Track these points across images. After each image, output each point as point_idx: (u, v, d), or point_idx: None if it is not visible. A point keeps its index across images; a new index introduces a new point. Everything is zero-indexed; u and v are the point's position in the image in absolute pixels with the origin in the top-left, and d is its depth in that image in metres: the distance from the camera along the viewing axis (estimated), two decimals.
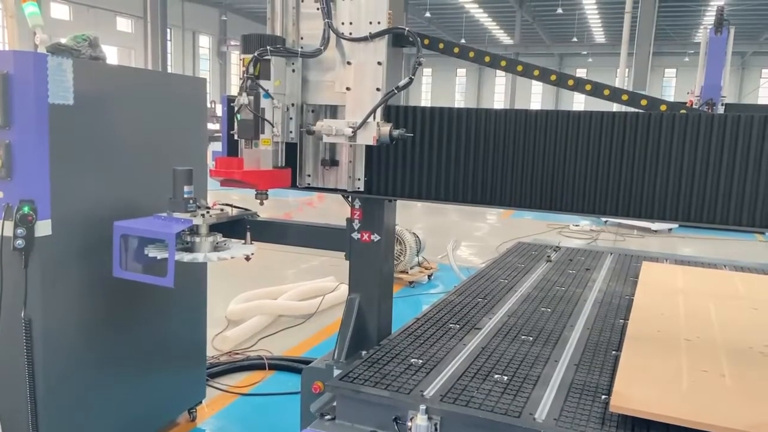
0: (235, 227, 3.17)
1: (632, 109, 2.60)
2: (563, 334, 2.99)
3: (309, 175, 2.95)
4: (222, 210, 3.08)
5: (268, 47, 2.58)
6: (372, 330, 3.26)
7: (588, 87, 2.68)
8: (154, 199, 3.18)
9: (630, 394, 2.17)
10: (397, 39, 2.71)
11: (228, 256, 2.87)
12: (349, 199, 3.19)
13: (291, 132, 2.84)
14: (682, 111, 2.41)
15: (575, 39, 38.44)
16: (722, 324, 3.06)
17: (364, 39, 2.62)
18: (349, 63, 2.66)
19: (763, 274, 4.27)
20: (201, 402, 4.13)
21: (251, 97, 2.53)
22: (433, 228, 11.18)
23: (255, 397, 4.40)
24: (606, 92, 2.66)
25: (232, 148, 2.91)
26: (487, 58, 2.83)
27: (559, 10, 32.79)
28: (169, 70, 32.18)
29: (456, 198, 2.83)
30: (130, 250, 2.85)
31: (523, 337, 2.94)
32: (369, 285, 3.23)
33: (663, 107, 2.53)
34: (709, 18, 25.04)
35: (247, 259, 3.02)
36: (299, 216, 12.02)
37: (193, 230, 2.87)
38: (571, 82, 2.70)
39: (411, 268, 7.67)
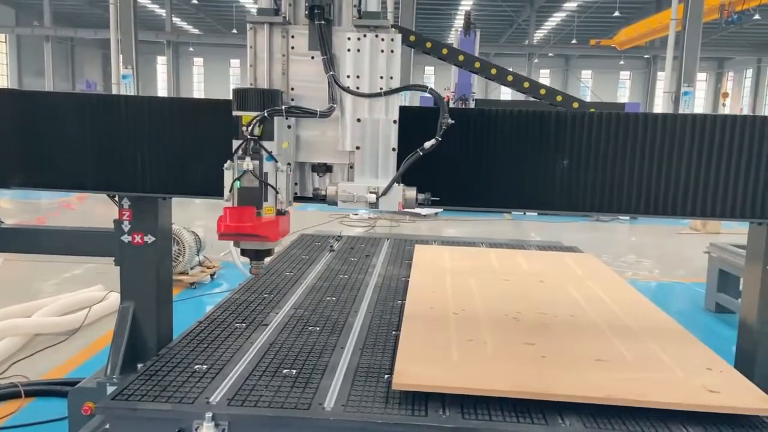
0: None
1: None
2: (348, 321, 3.09)
3: None
4: None
5: (282, 107, 2.22)
6: (150, 339, 3.04)
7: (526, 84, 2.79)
8: None
9: (409, 371, 2.32)
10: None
11: None
12: (116, 198, 2.92)
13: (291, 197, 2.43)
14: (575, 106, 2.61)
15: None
16: (482, 296, 3.42)
17: (377, 95, 2.35)
18: (358, 120, 2.38)
19: (511, 249, 4.88)
20: None
21: (256, 162, 2.16)
22: (214, 225, 10.80)
23: (9, 431, 3.83)
24: (542, 92, 2.80)
25: None
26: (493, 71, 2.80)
27: None
28: None
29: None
30: None
31: (310, 328, 2.97)
32: (144, 291, 3.00)
33: (575, 104, 2.73)
34: (459, 21, 27.82)
35: None
36: (56, 220, 10.72)
37: None
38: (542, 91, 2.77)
39: (191, 269, 7.31)
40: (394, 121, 2.35)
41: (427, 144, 2.30)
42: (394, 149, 2.37)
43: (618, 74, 44.12)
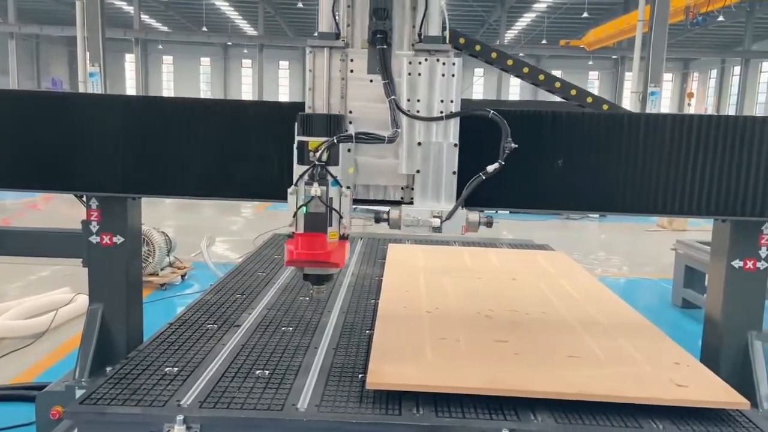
0: None
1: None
2: (321, 321, 3.08)
3: None
4: None
5: (351, 132, 2.22)
6: (120, 342, 3.00)
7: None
8: None
9: (382, 370, 2.32)
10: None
11: None
12: (83, 198, 2.87)
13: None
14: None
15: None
16: (455, 295, 3.44)
17: (439, 119, 2.33)
18: (419, 144, 2.36)
19: (483, 247, 4.92)
20: None
21: (323, 188, 2.14)
22: (185, 225, 10.67)
23: None
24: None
25: None
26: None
27: (300, 4, 33.55)
28: None
29: (190, 192, 2.79)
30: None
31: (283, 328, 2.95)
32: (113, 293, 2.96)
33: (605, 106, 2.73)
34: None
35: None
36: (22, 221, 10.47)
37: None
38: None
39: (162, 270, 7.21)
40: (455, 145, 2.35)
41: (490, 168, 2.30)
42: (454, 172, 2.37)
43: (587, 74, 44.76)
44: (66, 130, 2.73)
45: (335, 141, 2.16)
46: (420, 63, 2.34)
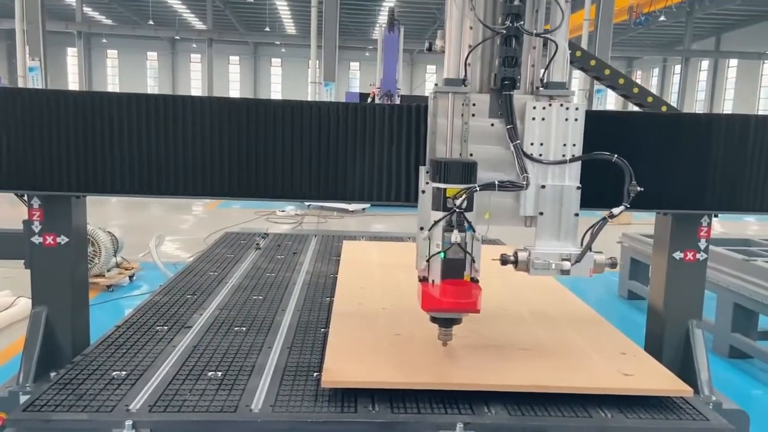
0: None
1: None
2: (275, 320, 3.05)
3: None
4: None
5: (496, 181, 2.25)
6: (65, 346, 2.91)
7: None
8: None
9: (337, 368, 2.31)
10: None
11: None
12: (25, 197, 2.76)
13: None
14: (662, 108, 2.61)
15: (268, 29, 39.27)
16: (409, 290, 3.45)
17: (562, 162, 2.33)
18: (543, 187, 2.35)
19: None
20: None
21: (463, 234, 2.20)
22: (132, 225, 10.39)
23: None
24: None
25: None
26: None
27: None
28: None
29: (135, 190, 2.73)
30: None
31: (236, 328, 2.91)
32: (58, 295, 2.87)
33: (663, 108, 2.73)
34: (384, 17, 27.98)
35: None
36: None
37: None
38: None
39: (108, 271, 7.00)
40: (578, 188, 2.38)
41: (616, 210, 2.32)
42: (576, 214, 2.40)
43: None
44: (3, 126, 2.62)
45: (477, 189, 2.20)
46: (544, 108, 2.34)
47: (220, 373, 2.39)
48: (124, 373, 2.37)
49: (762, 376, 5.19)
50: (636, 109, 10.45)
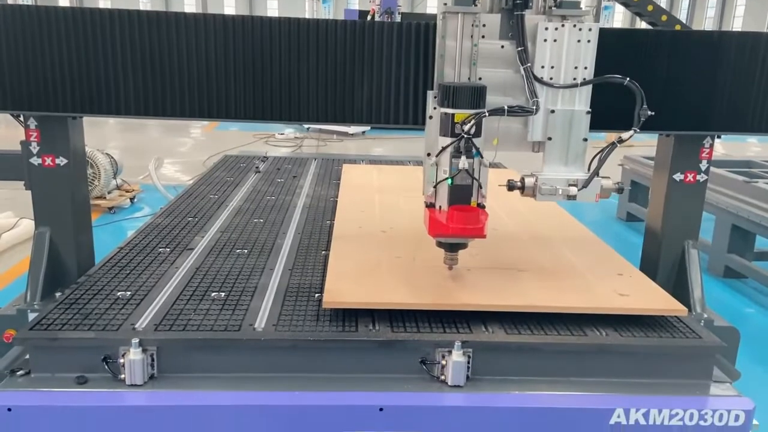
0: None
1: None
2: (276, 242, 3.08)
3: None
4: None
5: (505, 106, 2.17)
6: (71, 266, 2.96)
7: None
8: None
9: (339, 289, 2.35)
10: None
11: None
12: (21, 117, 2.73)
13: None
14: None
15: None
16: (410, 214, 3.47)
17: (573, 86, 2.26)
18: (552, 111, 2.29)
19: None
20: None
21: (471, 160, 2.18)
22: (130, 147, 10.32)
23: None
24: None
25: None
26: None
27: None
28: None
29: (139, 111, 2.68)
30: None
31: (237, 251, 2.94)
32: (60, 216, 2.89)
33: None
34: None
35: None
36: None
37: None
38: None
39: (109, 193, 7.03)
40: (587, 112, 2.32)
41: (625, 135, 2.28)
42: (585, 139, 2.35)
43: None
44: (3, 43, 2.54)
45: (486, 114, 2.14)
46: (557, 29, 2.25)
47: (223, 294, 2.43)
48: (128, 293, 2.41)
49: (755, 295, 5.31)
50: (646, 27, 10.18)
